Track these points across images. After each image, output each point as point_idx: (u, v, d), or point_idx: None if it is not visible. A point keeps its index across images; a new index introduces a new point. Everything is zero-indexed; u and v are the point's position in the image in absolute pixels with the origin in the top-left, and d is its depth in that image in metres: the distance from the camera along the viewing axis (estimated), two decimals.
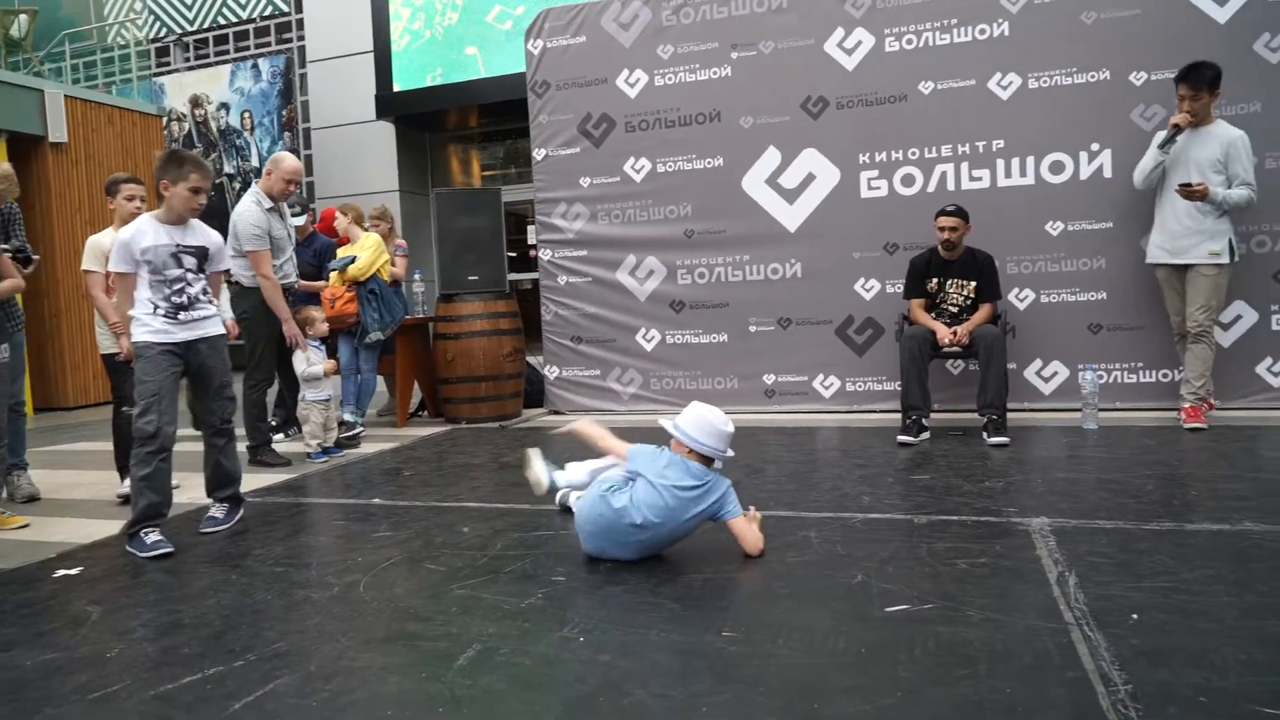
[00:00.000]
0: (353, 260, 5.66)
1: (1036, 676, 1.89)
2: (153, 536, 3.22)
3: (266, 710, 1.91)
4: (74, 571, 3.04)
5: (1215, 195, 4.55)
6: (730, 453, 2.87)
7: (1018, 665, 1.95)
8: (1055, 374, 5.41)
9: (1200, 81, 4.53)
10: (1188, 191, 4.54)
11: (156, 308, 3.30)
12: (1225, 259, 4.60)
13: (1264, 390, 5.05)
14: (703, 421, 2.82)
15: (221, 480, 3.59)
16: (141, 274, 3.29)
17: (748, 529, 2.84)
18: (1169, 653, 1.97)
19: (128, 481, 4.06)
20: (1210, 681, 1.83)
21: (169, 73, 12.58)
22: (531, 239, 6.79)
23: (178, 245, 3.33)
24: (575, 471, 3.39)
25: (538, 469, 3.37)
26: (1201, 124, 4.65)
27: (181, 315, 3.33)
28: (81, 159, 8.63)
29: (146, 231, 3.30)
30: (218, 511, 3.58)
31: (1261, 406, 5.01)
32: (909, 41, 5.54)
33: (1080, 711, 1.73)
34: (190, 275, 3.37)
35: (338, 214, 6.01)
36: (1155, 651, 1.98)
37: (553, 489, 3.39)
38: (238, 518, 3.61)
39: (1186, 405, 4.70)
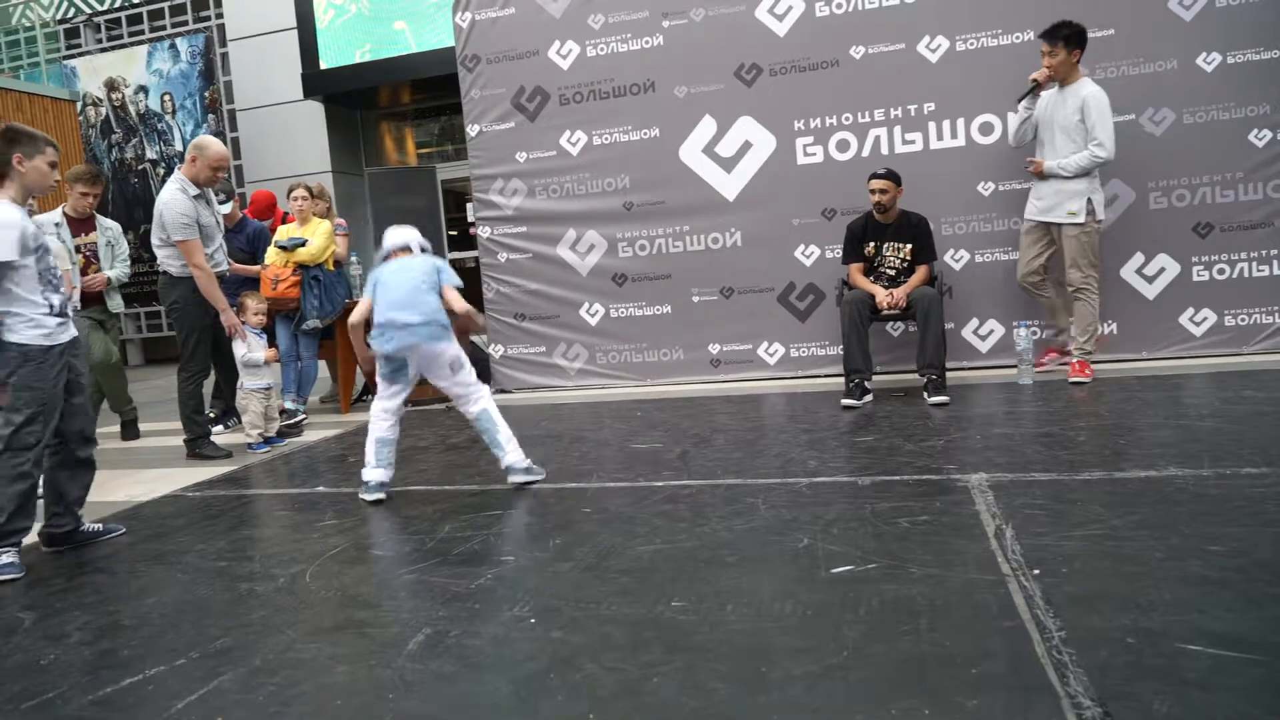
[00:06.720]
0: (303, 243, 5.52)
1: (975, 628, 1.95)
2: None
3: (211, 707, 1.87)
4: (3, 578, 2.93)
5: (1050, 168, 4.80)
6: (421, 241, 3.62)
7: (957, 618, 2.01)
8: (991, 332, 5.54)
9: (1054, 37, 4.67)
10: (1032, 168, 4.83)
11: None
12: (1081, 219, 4.77)
13: (1186, 340, 5.24)
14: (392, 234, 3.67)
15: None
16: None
17: (456, 296, 3.46)
18: (1100, 597, 2.05)
19: None
20: (1137, 622, 1.90)
21: (81, 55, 12.04)
22: (471, 216, 6.70)
23: None
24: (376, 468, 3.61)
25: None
26: (1067, 83, 4.77)
27: None
28: None
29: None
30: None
31: (1184, 355, 5.19)
32: (839, 6, 5.55)
33: (1016, 659, 1.79)
34: None
35: (301, 193, 5.78)
36: (1087, 597, 2.06)
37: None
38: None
39: (1074, 361, 4.90)
